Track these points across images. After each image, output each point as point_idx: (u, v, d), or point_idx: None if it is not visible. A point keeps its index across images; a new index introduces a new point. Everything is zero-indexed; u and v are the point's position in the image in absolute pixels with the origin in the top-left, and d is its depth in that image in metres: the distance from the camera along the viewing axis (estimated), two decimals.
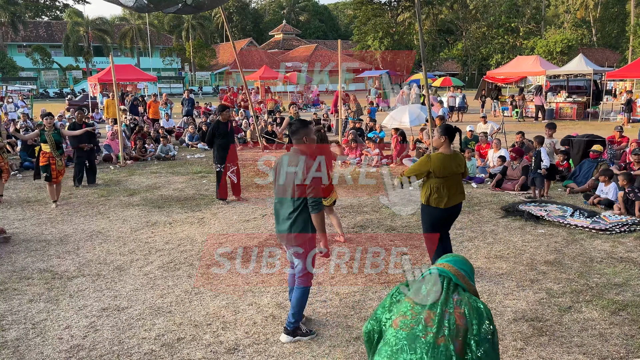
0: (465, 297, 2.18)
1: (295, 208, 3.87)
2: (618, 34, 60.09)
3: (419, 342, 2.09)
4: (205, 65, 56.60)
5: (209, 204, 8.57)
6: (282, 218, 3.97)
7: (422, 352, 2.07)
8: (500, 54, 52.58)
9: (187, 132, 16.39)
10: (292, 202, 3.88)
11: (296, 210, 3.86)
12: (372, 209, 8.07)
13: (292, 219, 3.89)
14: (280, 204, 3.99)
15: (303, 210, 3.86)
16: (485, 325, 2.12)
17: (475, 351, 2.08)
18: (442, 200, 4.94)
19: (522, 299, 4.76)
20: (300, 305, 4.05)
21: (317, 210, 3.80)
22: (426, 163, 4.96)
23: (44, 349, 4.03)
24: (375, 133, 14.21)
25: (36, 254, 6.22)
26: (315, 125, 7.12)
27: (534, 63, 24.05)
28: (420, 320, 2.13)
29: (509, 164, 9.70)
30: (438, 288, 2.19)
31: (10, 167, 11.73)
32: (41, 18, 63.69)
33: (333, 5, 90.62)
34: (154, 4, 6.37)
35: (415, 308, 2.17)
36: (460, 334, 2.09)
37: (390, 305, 2.28)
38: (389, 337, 2.18)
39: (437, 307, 2.14)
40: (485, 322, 2.13)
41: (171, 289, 5.13)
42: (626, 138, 11.83)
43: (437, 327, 2.10)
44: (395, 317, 2.20)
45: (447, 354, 2.06)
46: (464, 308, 2.14)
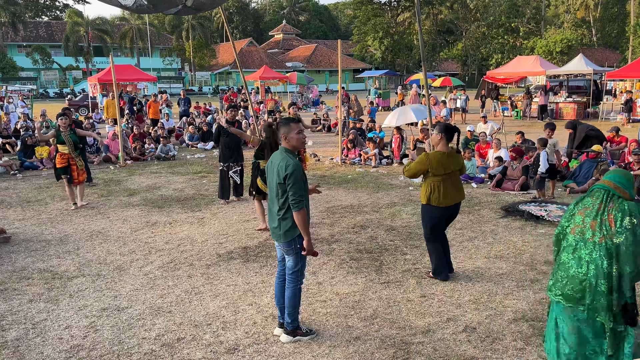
0: (617, 203, 3.04)
1: (281, 206, 3.90)
2: (618, 34, 60.05)
3: (588, 242, 3.08)
4: (205, 65, 56.61)
5: (209, 204, 8.57)
6: (272, 215, 4.01)
7: (591, 249, 3.06)
8: (500, 54, 52.58)
9: (187, 132, 16.39)
10: (277, 199, 3.92)
11: (282, 207, 3.89)
12: (372, 209, 8.07)
13: (280, 216, 3.92)
14: (271, 202, 4.03)
15: (289, 207, 3.87)
16: (627, 219, 2.95)
17: (618, 238, 2.96)
18: (442, 199, 4.97)
19: (522, 299, 4.76)
20: (293, 304, 4.03)
21: (298, 208, 3.79)
22: (424, 162, 4.98)
23: (44, 349, 4.04)
24: (375, 133, 14.22)
25: (36, 254, 6.22)
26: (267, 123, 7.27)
27: (534, 63, 24.05)
28: (587, 227, 3.10)
29: (509, 164, 9.69)
30: (598, 201, 3.10)
31: (10, 167, 11.77)
32: (41, 18, 63.68)
33: (333, 5, 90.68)
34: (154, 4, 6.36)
35: (585, 220, 3.12)
36: (612, 231, 2.99)
37: (570, 217, 3.23)
38: (569, 240, 3.19)
39: (598, 216, 3.06)
40: (627, 217, 2.96)
41: (171, 289, 5.13)
42: (624, 138, 11.83)
43: (599, 231, 3.04)
44: (572, 226, 3.19)
45: (607, 248, 3.00)
46: (614, 212, 3.01)
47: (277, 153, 3.98)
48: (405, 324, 4.33)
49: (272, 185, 3.96)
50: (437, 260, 5.20)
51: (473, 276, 5.33)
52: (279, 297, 4.16)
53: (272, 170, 3.94)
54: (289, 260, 4.04)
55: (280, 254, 4.17)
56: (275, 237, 4.04)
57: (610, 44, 62.17)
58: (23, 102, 21.01)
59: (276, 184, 3.88)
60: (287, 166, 3.78)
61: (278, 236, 3.97)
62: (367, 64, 58.64)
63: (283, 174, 3.78)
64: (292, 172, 3.76)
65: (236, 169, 8.43)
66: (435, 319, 4.41)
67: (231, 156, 8.32)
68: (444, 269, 5.21)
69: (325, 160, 12.68)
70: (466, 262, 5.73)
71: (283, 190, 3.84)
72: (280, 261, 4.19)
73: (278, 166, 3.84)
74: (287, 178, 3.77)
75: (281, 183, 3.81)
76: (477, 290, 4.97)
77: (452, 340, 4.06)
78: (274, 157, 4.00)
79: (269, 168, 4.03)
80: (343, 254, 6.05)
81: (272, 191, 3.99)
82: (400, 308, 4.62)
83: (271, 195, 4.02)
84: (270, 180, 3.98)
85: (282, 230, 3.91)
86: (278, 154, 3.96)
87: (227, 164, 8.33)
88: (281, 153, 3.93)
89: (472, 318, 4.41)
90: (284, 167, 3.78)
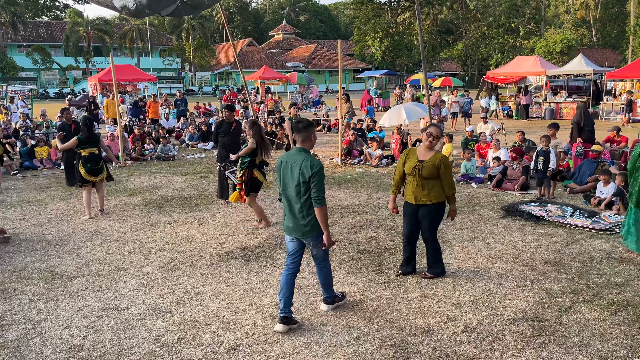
0: None
1: (303, 203, 4.08)
2: (618, 34, 60.04)
3: None
4: (205, 65, 56.60)
5: (209, 204, 8.57)
6: (294, 213, 4.16)
7: None
8: (500, 54, 52.53)
9: (187, 132, 16.40)
10: (299, 198, 4.08)
11: (305, 204, 4.08)
12: (372, 209, 8.07)
13: (303, 213, 4.10)
14: (290, 201, 4.16)
15: (311, 204, 4.07)
16: None
17: None
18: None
19: (522, 299, 4.76)
20: (328, 282, 4.48)
21: (320, 204, 4.02)
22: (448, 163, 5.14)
23: (44, 349, 4.04)
24: (375, 133, 14.22)
25: (36, 254, 6.22)
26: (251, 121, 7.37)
27: (534, 63, 24.06)
28: None
29: (509, 164, 9.69)
30: None
31: (10, 167, 11.77)
32: (41, 18, 63.70)
33: (333, 5, 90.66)
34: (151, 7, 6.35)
35: None
36: None
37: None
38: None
39: None
40: None
41: (171, 289, 5.13)
42: (625, 137, 11.83)
43: None
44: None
45: None
46: None
47: (295, 153, 4.13)
48: (405, 324, 4.33)
49: (291, 185, 4.11)
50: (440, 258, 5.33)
51: (473, 276, 5.33)
52: (285, 289, 4.26)
53: (292, 170, 4.08)
54: (317, 252, 4.31)
55: (292, 247, 4.32)
56: (299, 234, 4.19)
57: (610, 44, 62.15)
58: (23, 102, 21.01)
59: (298, 183, 4.05)
60: (312, 165, 3.99)
61: (304, 232, 4.15)
62: (367, 64, 58.63)
63: (309, 173, 3.98)
64: (318, 171, 4.00)
65: (233, 169, 8.38)
66: (435, 319, 4.41)
67: (227, 156, 8.30)
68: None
69: (325, 160, 12.68)
70: (466, 262, 5.73)
71: (306, 189, 4.03)
72: (291, 254, 4.34)
73: (301, 166, 4.01)
74: (312, 176, 3.98)
75: (305, 181, 4.00)
76: (477, 290, 4.97)
77: (452, 340, 4.06)
78: (290, 157, 4.13)
79: (283, 168, 4.17)
80: (343, 254, 6.05)
81: (291, 190, 4.12)
82: (400, 308, 4.62)
83: (289, 195, 4.15)
84: (288, 180, 4.13)
85: (308, 226, 4.12)
86: (296, 154, 4.12)
87: (223, 163, 8.33)
88: (300, 153, 4.11)
89: (472, 318, 4.41)
90: (310, 166, 3.99)
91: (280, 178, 4.23)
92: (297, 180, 4.04)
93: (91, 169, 7.69)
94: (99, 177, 7.82)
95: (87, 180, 7.72)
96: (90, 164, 7.68)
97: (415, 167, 5.02)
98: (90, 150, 7.71)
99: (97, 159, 7.78)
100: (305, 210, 4.09)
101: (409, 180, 5.14)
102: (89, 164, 7.68)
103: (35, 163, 12.32)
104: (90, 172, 7.69)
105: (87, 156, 7.69)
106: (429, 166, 4.95)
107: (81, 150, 7.70)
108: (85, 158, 7.68)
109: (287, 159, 4.15)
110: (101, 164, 7.84)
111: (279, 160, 4.25)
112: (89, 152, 7.70)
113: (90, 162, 7.69)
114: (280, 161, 4.23)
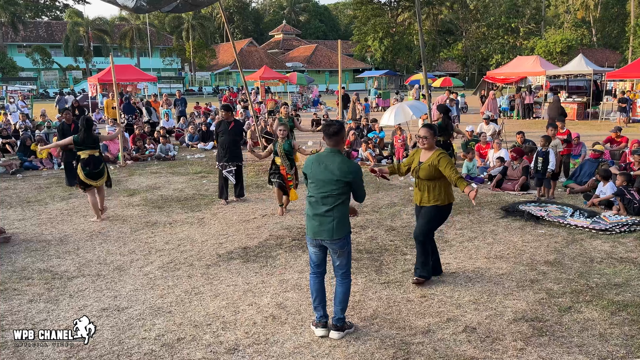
0: None
1: (331, 205, 4.03)
2: (618, 34, 60.09)
3: None
4: (205, 65, 56.62)
5: (209, 204, 8.57)
6: (321, 215, 4.06)
7: None
8: (500, 54, 52.60)
9: (187, 132, 16.40)
10: (329, 198, 4.03)
11: (333, 206, 4.03)
12: (372, 209, 8.07)
13: (330, 216, 4.03)
14: (318, 203, 4.08)
15: (341, 205, 4.04)
16: None
17: None
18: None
19: (522, 299, 4.76)
20: (346, 299, 4.19)
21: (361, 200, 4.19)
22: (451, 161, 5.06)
23: (44, 349, 4.03)
24: (375, 133, 14.21)
25: (36, 254, 6.22)
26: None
27: (534, 63, 24.08)
28: None
29: (509, 164, 9.69)
30: None
31: (10, 167, 11.77)
32: (41, 18, 63.71)
33: (333, 5, 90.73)
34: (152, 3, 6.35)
35: None
36: None
37: None
38: None
39: None
40: None
41: (171, 289, 5.13)
42: (625, 138, 11.83)
43: None
44: None
45: None
46: None
47: (331, 155, 4.07)
48: (405, 324, 4.33)
49: (324, 185, 4.04)
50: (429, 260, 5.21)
51: (473, 276, 5.33)
52: (320, 296, 4.18)
53: (326, 170, 4.03)
54: (340, 260, 4.15)
55: (317, 259, 4.18)
56: (326, 235, 4.05)
57: (610, 44, 62.18)
58: (23, 102, 21.01)
59: (334, 182, 3.99)
60: (354, 168, 4.04)
61: (330, 235, 4.04)
62: (367, 64, 58.66)
63: (352, 175, 4.00)
64: (358, 170, 4.06)
65: (231, 169, 8.38)
66: (435, 319, 4.41)
67: (225, 155, 8.30)
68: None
69: None
70: (466, 262, 5.73)
71: (339, 192, 4.01)
72: (316, 264, 4.20)
73: (339, 168, 3.99)
74: (354, 177, 4.01)
75: (341, 181, 3.98)
76: (477, 290, 4.97)
77: (452, 340, 4.06)
78: (326, 158, 4.06)
79: (314, 168, 4.09)
80: None
81: (324, 190, 4.04)
82: (400, 308, 4.62)
83: (318, 195, 4.07)
84: (320, 180, 4.05)
85: (335, 228, 4.03)
86: (332, 155, 4.07)
87: (221, 163, 8.35)
88: (337, 155, 4.08)
89: (472, 318, 4.41)
90: (348, 169, 4.00)
91: (310, 178, 4.13)
92: (333, 180, 3.99)
93: (90, 173, 7.45)
94: (98, 182, 7.58)
95: (88, 185, 7.51)
96: (89, 167, 7.45)
97: (414, 169, 5.04)
98: (89, 152, 7.49)
99: (97, 162, 7.55)
100: (332, 213, 4.02)
101: (415, 181, 5.18)
102: (88, 167, 7.45)
103: (35, 163, 12.32)
104: (89, 175, 7.45)
105: (86, 159, 7.46)
106: (425, 167, 4.93)
107: (80, 153, 7.50)
108: (85, 161, 7.46)
109: (319, 159, 4.10)
110: (102, 166, 7.61)
111: (309, 160, 4.18)
112: (87, 155, 7.47)
113: (89, 165, 7.45)
114: (310, 161, 4.15)
